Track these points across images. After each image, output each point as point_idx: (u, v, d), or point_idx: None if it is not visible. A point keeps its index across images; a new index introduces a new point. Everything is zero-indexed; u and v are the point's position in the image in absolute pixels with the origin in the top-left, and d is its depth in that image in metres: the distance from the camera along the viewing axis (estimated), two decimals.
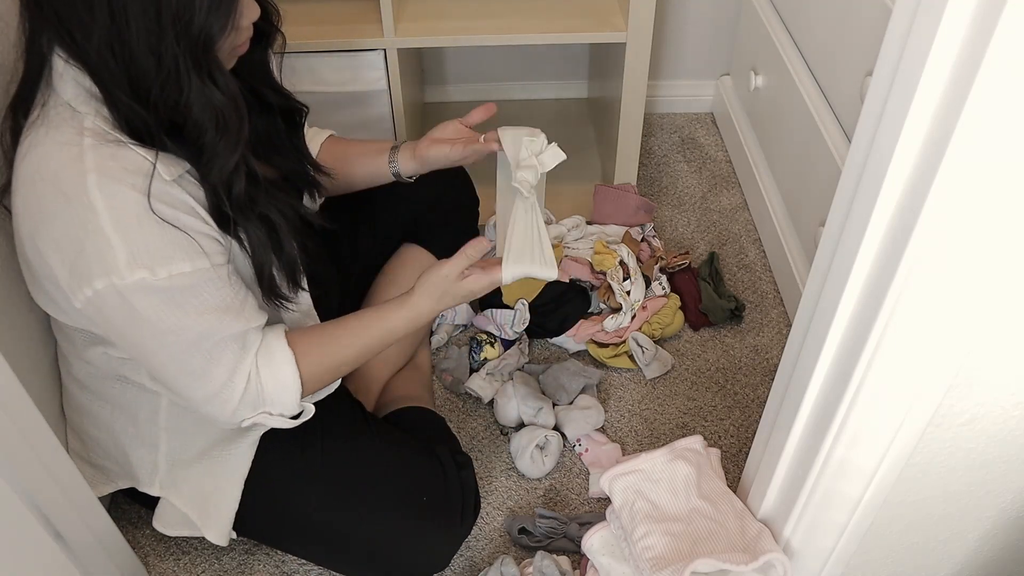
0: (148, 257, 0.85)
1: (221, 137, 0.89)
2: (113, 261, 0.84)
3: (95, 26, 0.82)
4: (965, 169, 0.62)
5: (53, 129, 0.86)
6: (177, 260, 0.87)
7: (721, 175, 1.97)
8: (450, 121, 1.23)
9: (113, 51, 0.83)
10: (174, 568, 1.27)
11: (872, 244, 0.72)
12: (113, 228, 0.84)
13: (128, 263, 0.84)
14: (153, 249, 0.86)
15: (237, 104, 0.90)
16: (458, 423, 1.45)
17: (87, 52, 0.84)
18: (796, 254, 1.60)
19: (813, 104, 1.50)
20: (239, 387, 0.96)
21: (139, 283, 0.86)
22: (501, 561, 1.20)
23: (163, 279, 0.87)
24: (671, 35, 2.05)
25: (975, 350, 0.77)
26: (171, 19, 0.82)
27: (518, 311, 1.53)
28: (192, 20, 0.83)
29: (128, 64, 0.84)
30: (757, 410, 1.47)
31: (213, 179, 0.91)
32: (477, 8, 1.63)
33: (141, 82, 0.85)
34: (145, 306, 0.87)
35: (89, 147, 0.84)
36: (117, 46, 0.83)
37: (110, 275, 0.85)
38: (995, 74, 0.57)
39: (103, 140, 0.85)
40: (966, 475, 0.92)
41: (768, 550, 1.01)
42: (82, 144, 0.84)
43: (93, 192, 0.83)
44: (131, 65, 0.84)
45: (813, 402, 0.88)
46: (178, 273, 0.88)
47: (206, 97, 0.87)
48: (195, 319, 0.90)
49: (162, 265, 0.86)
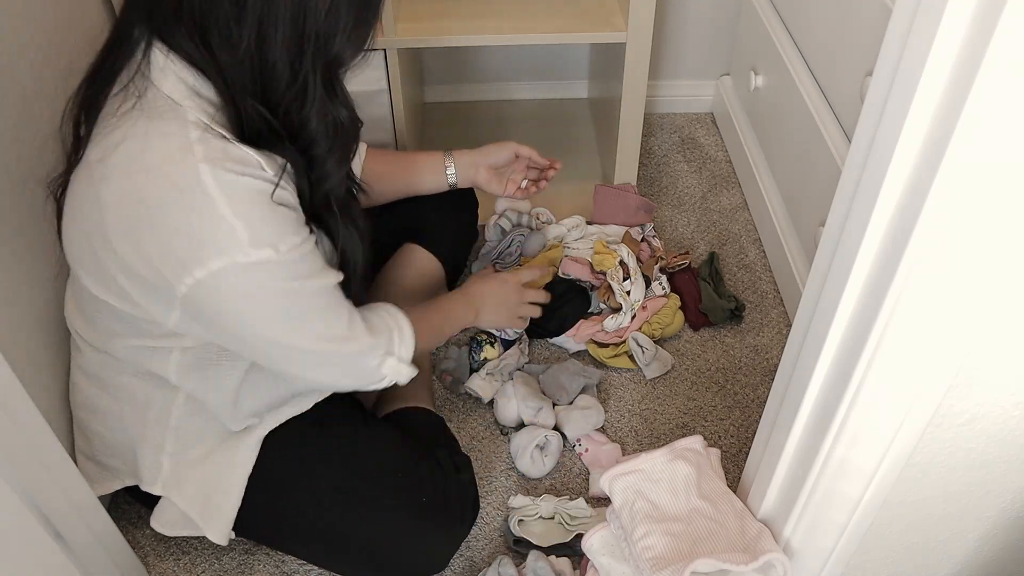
0: (269, 236, 0.88)
1: (335, 149, 0.96)
2: (236, 242, 0.86)
3: (242, 37, 0.84)
4: (965, 169, 0.62)
5: (155, 120, 0.86)
6: (290, 234, 0.91)
7: (721, 175, 1.97)
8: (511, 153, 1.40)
9: (252, 60, 0.86)
10: (174, 568, 1.27)
11: (872, 244, 0.72)
12: (233, 214, 0.85)
13: (252, 242, 0.87)
14: (272, 228, 0.89)
15: (354, 119, 0.99)
16: (458, 423, 1.45)
17: (221, 58, 0.86)
18: (796, 254, 1.60)
19: (813, 104, 1.50)
20: (361, 327, 1.01)
21: (265, 260, 0.88)
22: (499, 562, 1.20)
23: (284, 253, 0.89)
24: (671, 35, 2.05)
25: (975, 350, 0.77)
26: (314, 37, 0.86)
27: None
28: (333, 41, 0.88)
29: (263, 73, 0.88)
30: (757, 410, 1.47)
31: (324, 186, 0.98)
32: (477, 8, 1.63)
33: (272, 91, 0.89)
34: (268, 276, 0.90)
35: (197, 139, 0.86)
36: (257, 56, 0.86)
37: (232, 254, 0.86)
38: (995, 74, 0.57)
39: (208, 132, 0.87)
40: (966, 475, 0.92)
41: (768, 550, 1.01)
42: (189, 135, 0.86)
43: (207, 181, 0.84)
44: (267, 74, 0.88)
45: (813, 402, 0.88)
46: (293, 245, 0.91)
47: (327, 111, 0.93)
48: (310, 281, 0.94)
49: (282, 240, 0.89)
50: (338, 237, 1.02)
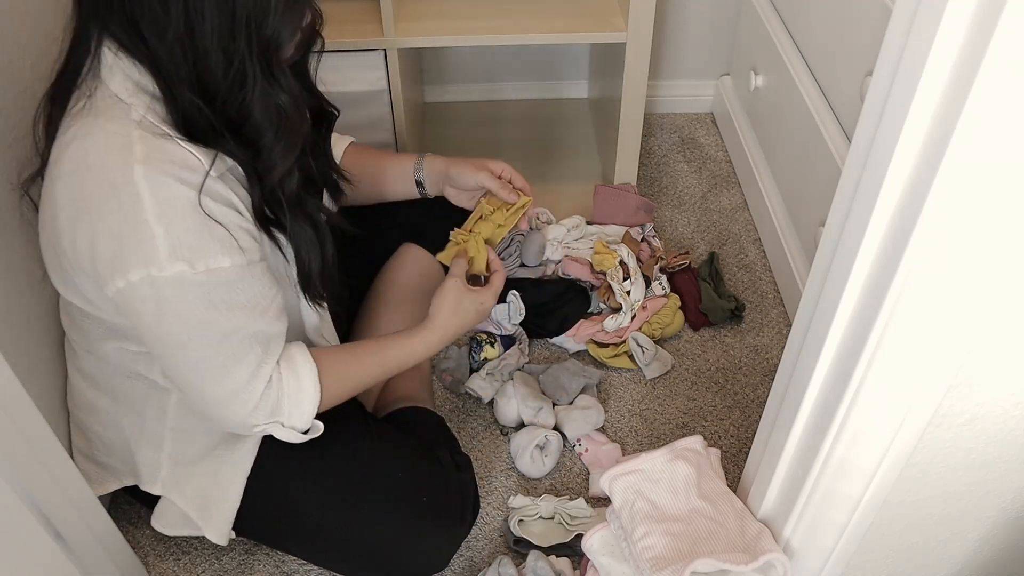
0: (188, 251, 0.86)
1: (280, 138, 0.91)
2: (154, 252, 0.85)
3: (169, 23, 0.83)
4: (965, 169, 0.62)
5: (102, 118, 0.86)
6: (216, 255, 0.88)
7: (721, 175, 1.97)
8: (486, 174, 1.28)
9: (184, 48, 0.84)
10: (174, 568, 1.27)
11: (872, 244, 0.72)
12: (156, 219, 0.84)
13: (169, 255, 0.85)
14: (194, 243, 0.86)
15: (298, 105, 0.93)
16: (458, 423, 1.45)
17: (155, 48, 0.85)
18: (796, 254, 1.60)
19: (813, 104, 1.50)
20: (258, 390, 0.96)
21: (177, 276, 0.86)
22: (499, 562, 1.20)
23: (201, 273, 0.87)
24: (671, 35, 2.05)
25: (975, 350, 0.77)
26: (244, 20, 0.84)
27: (511, 302, 1.53)
28: (265, 22, 0.85)
29: (197, 62, 0.85)
30: (757, 410, 1.47)
31: (271, 179, 0.93)
32: (477, 8, 1.63)
33: (208, 81, 0.86)
34: (179, 299, 0.88)
35: (138, 138, 0.85)
36: (188, 44, 0.84)
37: (149, 266, 0.85)
38: (995, 74, 0.57)
39: (152, 133, 0.86)
40: (966, 475, 0.92)
41: (768, 550, 1.01)
42: (131, 135, 0.85)
43: (140, 183, 0.84)
44: (200, 63, 0.85)
45: (813, 402, 0.88)
46: (216, 268, 0.88)
47: (270, 98, 0.89)
48: (224, 315, 0.91)
49: (201, 259, 0.87)
50: (297, 238, 0.99)
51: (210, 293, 0.89)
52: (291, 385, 0.99)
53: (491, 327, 1.55)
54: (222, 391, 0.95)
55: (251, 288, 0.93)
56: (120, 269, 0.86)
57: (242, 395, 0.96)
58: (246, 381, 0.95)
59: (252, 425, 0.99)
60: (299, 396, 1.00)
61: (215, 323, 0.91)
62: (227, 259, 0.89)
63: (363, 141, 1.63)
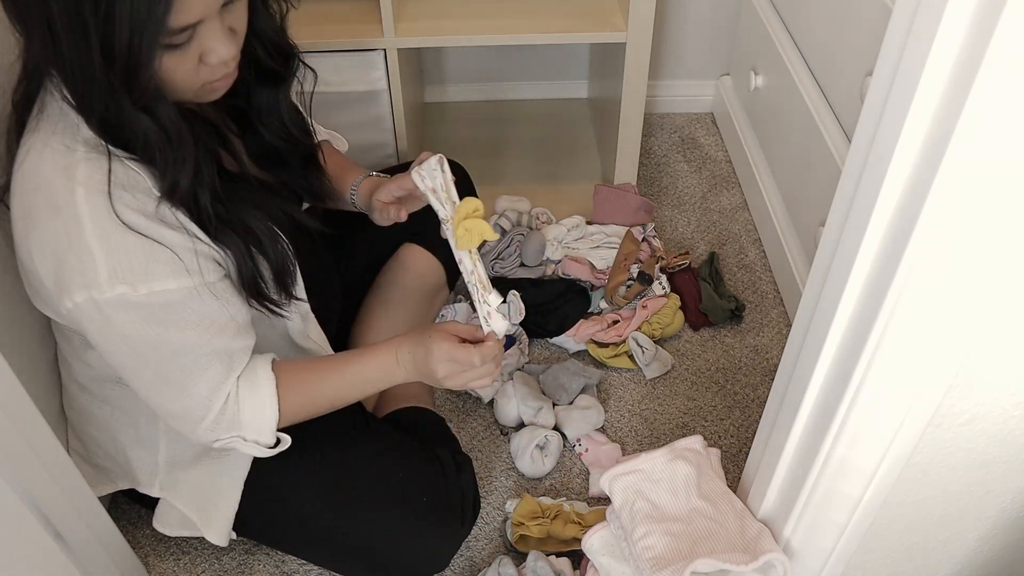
0: (130, 273, 0.85)
1: (167, 159, 0.86)
2: (94, 275, 0.84)
3: (34, 37, 0.81)
4: (965, 169, 0.62)
5: (49, 135, 0.85)
6: (161, 277, 0.86)
7: (721, 175, 1.97)
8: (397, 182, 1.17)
9: (56, 64, 0.81)
10: (174, 568, 1.27)
11: (872, 244, 0.72)
12: (97, 242, 0.83)
13: (109, 278, 0.84)
14: (136, 265, 0.85)
15: (171, 136, 0.86)
16: (458, 423, 1.45)
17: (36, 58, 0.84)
18: (796, 254, 1.60)
19: (813, 104, 1.50)
20: (216, 406, 0.95)
21: (118, 298, 0.85)
22: (499, 562, 1.20)
23: (143, 295, 0.86)
24: (671, 35, 2.05)
25: (975, 350, 0.77)
26: (96, 36, 0.77)
27: (511, 302, 1.53)
28: (113, 41, 0.77)
29: (71, 78, 0.82)
30: (757, 410, 1.47)
31: (173, 196, 0.88)
32: (477, 8, 1.63)
33: (86, 97, 0.83)
34: (123, 321, 0.87)
35: (82, 158, 0.84)
36: (55, 59, 0.81)
37: (90, 289, 0.84)
38: (995, 74, 0.57)
39: (96, 151, 0.85)
40: (966, 475, 0.92)
41: (768, 550, 1.01)
42: (75, 155, 0.84)
43: (81, 205, 0.83)
44: (73, 79, 0.81)
45: (813, 402, 0.88)
46: (160, 290, 0.87)
47: (139, 123, 0.84)
48: (175, 334, 0.90)
49: (143, 282, 0.85)
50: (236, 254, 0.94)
51: (156, 314, 0.88)
52: (247, 401, 0.97)
53: None
54: (179, 406, 0.95)
55: (204, 307, 0.91)
56: (66, 290, 0.85)
57: (199, 410, 0.95)
58: (205, 397, 0.94)
59: (213, 440, 0.98)
60: (257, 415, 0.98)
61: (165, 343, 0.89)
62: (173, 281, 0.87)
63: (363, 141, 1.63)
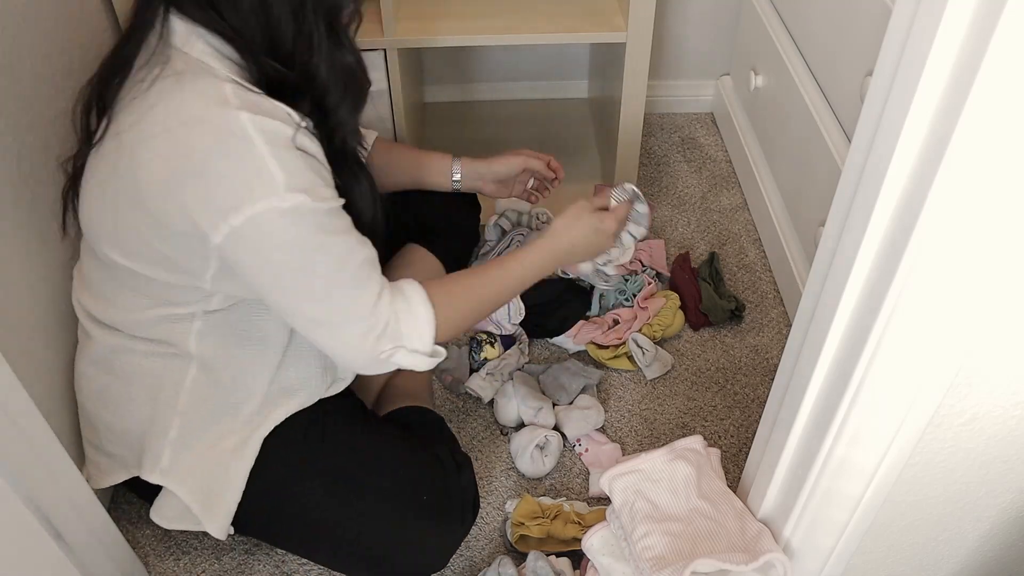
0: (304, 182, 0.91)
1: (347, 97, 1.00)
2: (273, 185, 0.89)
3: None
4: (965, 169, 0.62)
5: (188, 80, 0.91)
6: (322, 185, 0.94)
7: (721, 175, 1.97)
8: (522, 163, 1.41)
9: (258, 17, 0.92)
10: (174, 568, 1.27)
11: (872, 244, 0.72)
12: (272, 156, 0.88)
13: (287, 186, 0.89)
14: (306, 176, 0.91)
15: (362, 66, 1.01)
16: (458, 423, 1.45)
17: (230, 19, 0.92)
18: (796, 254, 1.60)
19: (813, 104, 1.50)
20: (383, 314, 0.99)
21: (299, 205, 0.90)
22: (499, 562, 1.20)
23: (318, 201, 0.92)
24: (671, 35, 2.05)
25: (975, 350, 0.77)
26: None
27: (511, 302, 1.53)
28: None
29: (270, 29, 0.93)
30: (757, 410, 1.48)
31: (337, 136, 1.00)
32: (477, 8, 1.63)
33: (281, 46, 0.94)
34: (299, 227, 0.91)
35: (231, 92, 0.90)
36: (262, 12, 0.92)
37: (270, 198, 0.89)
38: (995, 74, 0.57)
39: (241, 88, 0.91)
40: (966, 475, 0.92)
41: (768, 550, 1.01)
42: (223, 90, 0.90)
43: (248, 126, 0.88)
44: (274, 30, 0.93)
45: (813, 402, 0.89)
46: (328, 197, 0.94)
47: (336, 59, 0.97)
48: (337, 240, 0.95)
49: (315, 189, 0.92)
50: (352, 191, 1.03)
51: (324, 221, 0.93)
52: (402, 306, 1.01)
53: (491, 327, 1.55)
54: (352, 315, 0.97)
55: (346, 220, 0.98)
56: (237, 206, 0.89)
57: (371, 318, 0.98)
58: (372, 305, 0.98)
59: (379, 352, 1.00)
60: (412, 316, 1.02)
61: (331, 248, 0.94)
62: (329, 191, 0.95)
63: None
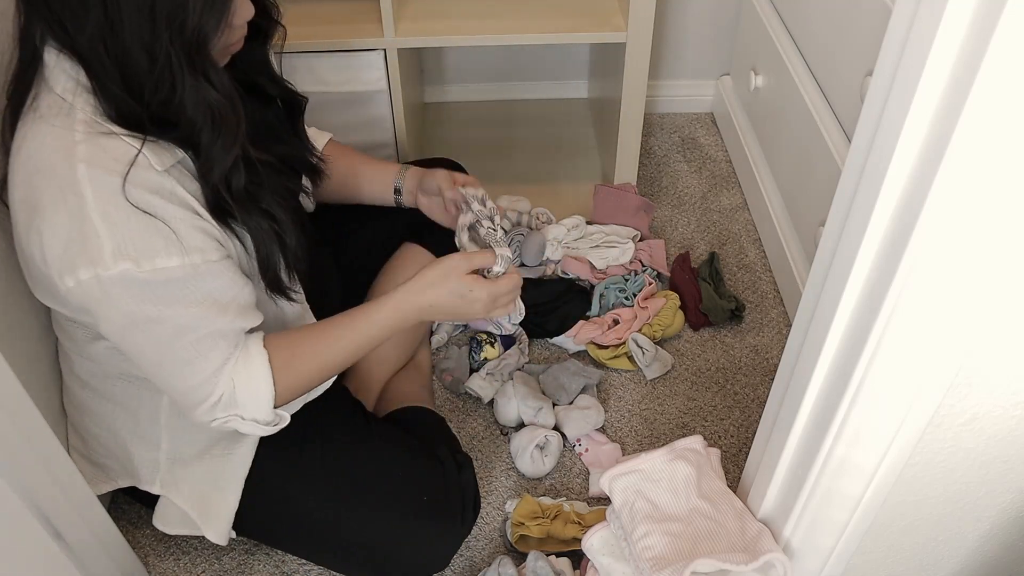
0: (133, 249, 0.85)
1: (217, 136, 0.89)
2: (99, 251, 0.84)
3: (88, 19, 0.82)
4: (965, 169, 0.62)
5: (44, 121, 0.86)
6: (163, 254, 0.87)
7: (721, 175, 1.97)
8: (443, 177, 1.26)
9: (106, 45, 0.83)
10: (174, 568, 1.27)
11: (872, 244, 0.72)
12: (101, 218, 0.84)
13: (113, 253, 0.84)
14: (139, 241, 0.86)
15: (233, 102, 0.90)
16: (458, 423, 1.45)
17: (79, 44, 0.84)
18: (796, 254, 1.60)
19: (813, 104, 1.50)
20: (220, 386, 0.95)
21: (123, 274, 0.85)
22: (499, 562, 1.20)
23: (147, 271, 0.86)
24: (671, 35, 2.05)
25: (975, 350, 0.77)
26: (165, 18, 0.82)
27: None
28: (186, 20, 0.83)
29: (121, 59, 0.84)
30: (757, 410, 1.47)
31: (213, 177, 0.91)
32: (477, 8, 1.63)
33: (134, 78, 0.85)
34: (127, 297, 0.87)
35: (82, 138, 0.85)
36: (110, 41, 0.83)
37: (95, 265, 0.85)
38: (995, 74, 0.57)
39: (95, 131, 0.86)
40: (966, 475, 0.92)
41: (768, 550, 1.01)
42: (74, 136, 0.85)
43: (83, 182, 0.83)
44: (124, 60, 0.84)
45: (813, 402, 0.88)
46: (163, 267, 0.87)
47: (200, 95, 0.87)
48: (179, 311, 0.90)
49: (147, 258, 0.86)
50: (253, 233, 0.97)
51: (159, 291, 0.88)
52: (241, 376, 0.96)
53: (491, 327, 1.55)
54: (183, 385, 0.95)
55: (206, 286, 0.91)
56: (69, 268, 0.86)
57: (204, 389, 0.95)
58: (209, 376, 0.94)
59: (211, 420, 0.97)
60: (252, 387, 0.97)
61: (168, 319, 0.90)
62: (175, 259, 0.88)
63: (363, 141, 1.63)
